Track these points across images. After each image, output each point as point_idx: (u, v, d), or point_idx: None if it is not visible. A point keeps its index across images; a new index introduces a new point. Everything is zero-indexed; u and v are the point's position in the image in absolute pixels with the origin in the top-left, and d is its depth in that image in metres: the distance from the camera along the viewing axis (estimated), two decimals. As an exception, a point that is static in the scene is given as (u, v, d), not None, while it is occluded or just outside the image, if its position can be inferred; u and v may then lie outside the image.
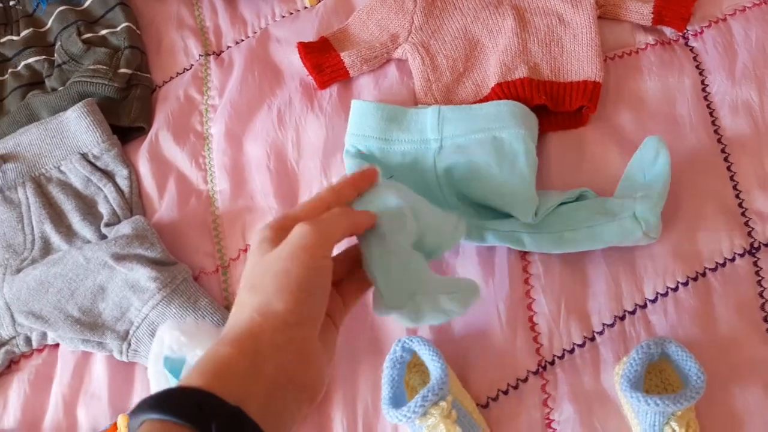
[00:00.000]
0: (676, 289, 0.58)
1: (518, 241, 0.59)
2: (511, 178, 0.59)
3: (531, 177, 0.59)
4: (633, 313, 0.57)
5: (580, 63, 0.66)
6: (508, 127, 0.61)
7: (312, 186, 0.67)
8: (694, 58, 0.68)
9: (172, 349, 0.57)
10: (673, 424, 0.48)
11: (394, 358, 0.55)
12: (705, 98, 0.66)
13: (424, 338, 0.54)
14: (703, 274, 0.58)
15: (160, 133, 0.72)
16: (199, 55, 0.76)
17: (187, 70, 0.76)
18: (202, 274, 0.66)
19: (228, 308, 0.64)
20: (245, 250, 0.66)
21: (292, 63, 0.73)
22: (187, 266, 0.64)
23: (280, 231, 0.42)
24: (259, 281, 0.40)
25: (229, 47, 0.77)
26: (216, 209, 0.68)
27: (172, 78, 0.76)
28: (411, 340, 0.54)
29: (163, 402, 0.34)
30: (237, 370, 0.36)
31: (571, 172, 0.64)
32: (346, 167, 0.64)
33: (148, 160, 0.71)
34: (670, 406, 0.46)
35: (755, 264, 0.58)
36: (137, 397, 0.62)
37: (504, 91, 0.65)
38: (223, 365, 0.36)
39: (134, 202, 0.69)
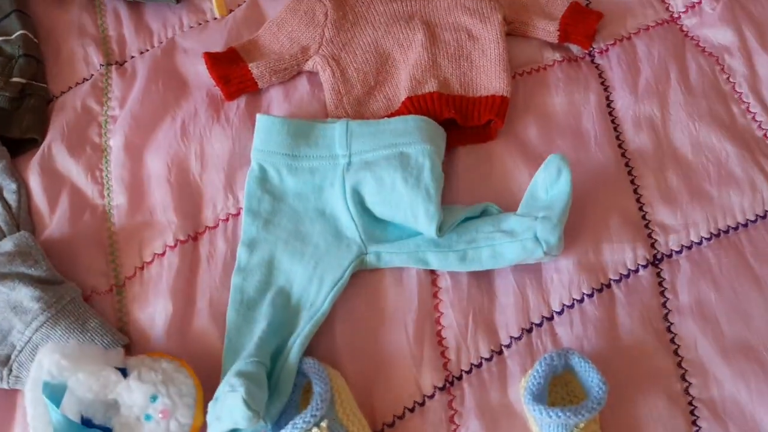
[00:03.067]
0: (581, 301, 0.57)
1: (424, 261, 0.58)
2: (416, 193, 0.58)
3: (436, 192, 0.59)
4: (540, 325, 0.57)
5: (488, 78, 0.66)
6: (415, 143, 0.60)
7: (216, 200, 0.64)
8: (600, 75, 0.69)
9: (52, 374, 0.52)
10: (577, 435, 0.47)
11: None
12: (610, 113, 0.67)
13: (313, 359, 0.53)
14: (608, 285, 0.58)
15: (54, 144, 0.68)
16: (101, 64, 0.73)
17: (87, 80, 0.72)
18: (94, 294, 0.61)
19: (122, 329, 0.59)
20: (142, 268, 0.62)
21: (199, 74, 0.70)
22: (75, 285, 0.60)
23: None
24: None
25: (132, 57, 0.73)
26: (112, 225, 0.64)
27: (70, 88, 0.72)
28: (305, 362, 0.53)
29: None
30: None
31: (479, 186, 0.63)
32: (246, 186, 0.62)
33: (39, 173, 0.66)
34: (571, 418, 0.45)
35: (658, 275, 0.59)
36: (20, 429, 0.56)
37: (414, 104, 0.64)
38: None
39: (22, 218, 0.64)
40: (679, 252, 0.60)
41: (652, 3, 0.73)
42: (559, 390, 0.53)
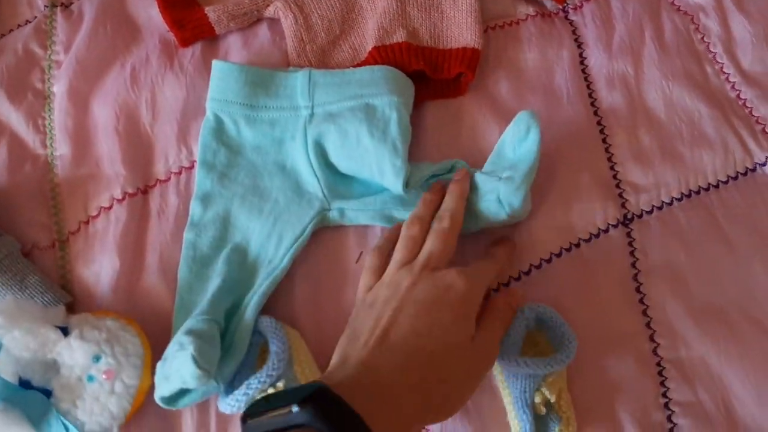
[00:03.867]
0: (549, 261, 0.56)
1: (389, 218, 0.55)
2: (383, 146, 0.55)
3: (403, 146, 0.56)
4: (506, 285, 0.55)
5: (459, 29, 0.63)
6: (382, 94, 0.57)
7: (168, 152, 0.60)
8: (574, 31, 0.67)
9: (-15, 331, 0.48)
10: (545, 390, 0.45)
11: None
12: (583, 71, 0.65)
13: (270, 318, 0.50)
14: (577, 245, 0.56)
15: (-8, 89, 0.63)
16: (45, 6, 0.67)
17: (30, 22, 0.67)
18: (35, 249, 0.57)
19: (65, 287, 0.56)
20: (87, 222, 0.58)
21: (152, 18, 0.65)
22: (13, 239, 0.56)
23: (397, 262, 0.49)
24: (445, 369, 0.42)
25: (80, -1, 0.68)
26: (55, 176, 0.60)
27: (11, 30, 0.67)
28: (261, 321, 0.50)
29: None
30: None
31: (448, 142, 0.61)
32: (200, 137, 0.58)
33: (-25, 119, 0.62)
34: (540, 369, 0.44)
35: (628, 235, 0.57)
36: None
37: (381, 54, 0.61)
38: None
39: (-45, 167, 0.60)
40: (650, 212, 0.58)
41: (627, -41, 0.71)
42: (529, 350, 0.51)
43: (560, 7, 0.68)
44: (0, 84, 0.63)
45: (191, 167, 0.59)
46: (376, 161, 0.55)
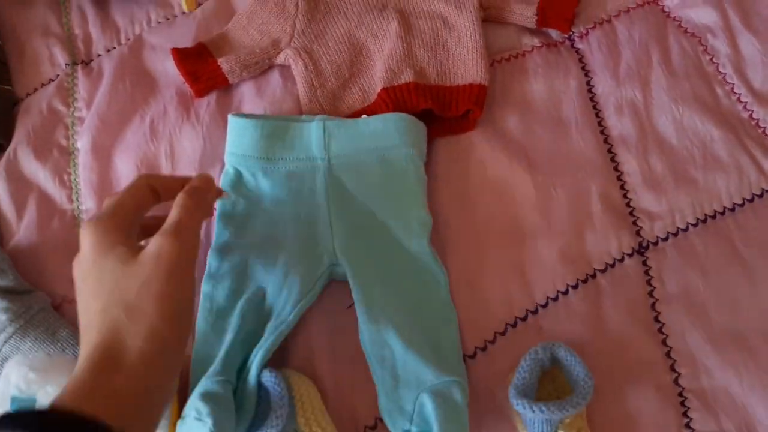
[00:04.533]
0: (566, 293, 0.56)
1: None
2: (403, 198, 0.57)
3: (422, 197, 0.58)
4: (524, 319, 0.55)
5: (465, 66, 0.64)
6: (397, 147, 0.58)
7: (188, 201, 0.62)
8: (580, 60, 0.67)
9: (20, 387, 0.50)
10: (562, 432, 0.45)
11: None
12: (591, 99, 0.65)
13: (271, 370, 0.50)
14: (593, 276, 0.57)
15: (20, 149, 0.65)
16: (66, 64, 0.70)
17: (53, 80, 0.70)
18: (64, 303, 0.59)
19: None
20: (114, 273, 0.60)
21: (168, 71, 0.68)
22: (45, 294, 0.58)
23: (120, 221, 0.44)
24: (137, 303, 0.41)
25: (99, 55, 0.71)
26: (82, 230, 0.62)
27: (36, 89, 0.70)
28: (263, 375, 0.50)
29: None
30: (115, 399, 0.38)
31: (457, 178, 0.61)
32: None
33: (5, 179, 0.64)
34: (555, 413, 0.44)
35: (644, 263, 0.57)
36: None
37: (390, 95, 0.62)
38: (95, 390, 0.38)
39: (-12, 226, 0.62)
40: (665, 239, 0.58)
41: (631, -16, 0.71)
42: (546, 386, 0.51)
43: (566, 36, 0.68)
44: (27, 143, 0.66)
45: (210, 215, 0.61)
46: (400, 216, 0.57)
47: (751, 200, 0.60)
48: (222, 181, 0.59)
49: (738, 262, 0.57)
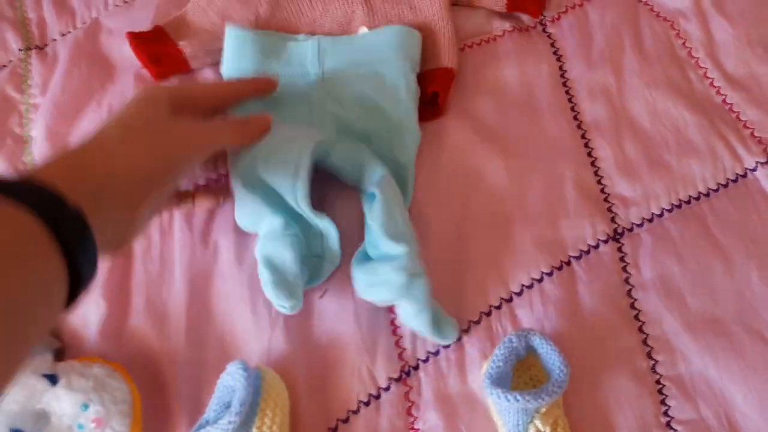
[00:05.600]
0: (541, 280, 0.54)
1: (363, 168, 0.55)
2: (395, 111, 0.57)
3: (414, 110, 0.58)
4: (498, 307, 0.54)
5: (435, 51, 0.62)
6: (389, 60, 0.59)
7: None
8: (552, 44, 0.66)
9: None
10: (538, 422, 0.44)
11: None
12: (564, 84, 0.64)
13: (242, 362, 0.48)
14: (568, 263, 0.55)
15: (-30, 137, 0.62)
16: (19, 49, 0.67)
17: (5, 66, 0.67)
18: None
19: (52, 331, 0.55)
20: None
21: (126, 56, 0.65)
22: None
23: (180, 103, 0.47)
24: (141, 130, 0.44)
25: (54, 40, 0.68)
26: (36, 222, 0.59)
27: (-13, 75, 0.67)
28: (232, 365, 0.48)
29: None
30: (85, 184, 0.37)
31: (431, 164, 0.60)
32: None
33: (-47, 168, 0.61)
34: (531, 402, 0.42)
35: (619, 250, 0.56)
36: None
37: (358, 81, 0.60)
38: (73, 172, 0.38)
39: (-65, 218, 0.59)
40: (640, 225, 0.57)
41: (603, -32, 0.70)
42: (522, 375, 0.50)
43: (537, 20, 0.67)
44: (-22, 131, 0.63)
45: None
46: (392, 124, 0.57)
47: (726, 185, 0.59)
48: None
49: (713, 248, 0.56)
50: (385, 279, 0.48)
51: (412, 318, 0.49)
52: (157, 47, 0.62)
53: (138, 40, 0.62)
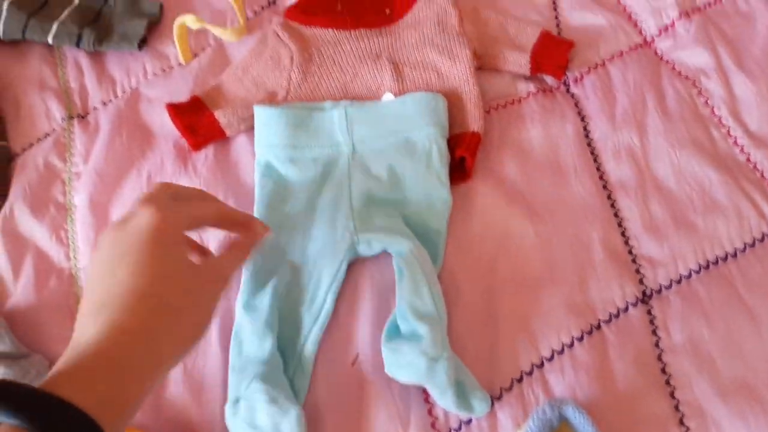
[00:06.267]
0: (571, 345, 0.55)
1: (409, 236, 0.57)
2: (427, 178, 0.59)
3: (445, 176, 0.60)
4: (530, 373, 0.54)
5: (461, 116, 0.64)
6: (419, 127, 0.61)
7: (187, 256, 0.61)
8: (576, 105, 0.67)
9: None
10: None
11: None
12: (588, 144, 0.65)
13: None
14: (598, 327, 0.56)
15: (16, 206, 0.65)
16: (62, 118, 0.70)
17: (49, 135, 0.70)
18: (63, 364, 0.58)
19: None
20: (112, 333, 0.59)
21: (165, 124, 0.67)
22: (42, 357, 0.57)
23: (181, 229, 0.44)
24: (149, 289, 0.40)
25: (95, 109, 0.71)
26: (79, 289, 0.61)
27: (32, 144, 0.69)
28: None
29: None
30: (99, 382, 0.36)
31: (462, 227, 0.61)
32: (256, 181, 0.61)
33: (1, 237, 0.63)
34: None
35: (649, 312, 0.57)
36: None
37: (386, 144, 0.62)
38: (86, 374, 0.36)
39: (-15, 287, 0.61)
40: (669, 287, 0.58)
41: (624, 27, 0.71)
42: (554, 442, 0.51)
43: (560, 81, 0.68)
44: (24, 200, 0.65)
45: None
46: (424, 192, 0.59)
47: (752, 244, 0.59)
48: (255, 172, 0.61)
49: (742, 309, 0.56)
50: (408, 361, 0.50)
51: (438, 398, 0.51)
52: (194, 118, 0.65)
53: (176, 111, 0.65)
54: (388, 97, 0.64)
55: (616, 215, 0.62)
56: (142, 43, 0.73)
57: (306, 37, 0.68)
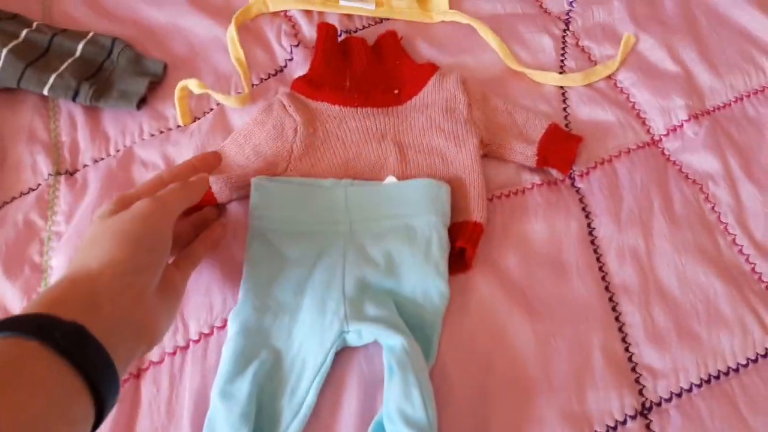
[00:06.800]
0: (567, 461, 0.52)
1: (400, 328, 0.54)
2: (425, 267, 0.56)
3: (444, 267, 0.57)
4: (523, 488, 0.51)
5: (464, 204, 0.62)
6: (420, 214, 0.59)
7: (166, 332, 0.58)
8: (581, 200, 0.66)
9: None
10: None
11: None
12: (592, 242, 0.63)
13: None
14: (595, 440, 0.53)
15: (-11, 264, 0.62)
16: (48, 174, 0.67)
17: (33, 190, 0.67)
18: None
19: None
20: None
21: (155, 188, 0.65)
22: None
23: (121, 207, 0.47)
24: (99, 237, 0.44)
25: (86, 166, 0.68)
26: (47, 358, 0.57)
27: (14, 198, 0.66)
28: None
29: (1, 323, 0.36)
30: (75, 302, 0.40)
31: (458, 320, 0.58)
32: (245, 255, 0.58)
33: (-30, 297, 0.60)
34: None
35: (647, 427, 0.54)
36: None
37: (386, 229, 0.60)
38: (60, 298, 0.40)
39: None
40: (669, 400, 0.55)
41: (632, 125, 0.71)
42: None
43: (566, 175, 0.67)
44: (-2, 257, 0.62)
45: (186, 347, 0.57)
46: (421, 285, 0.56)
47: (755, 360, 0.57)
48: (248, 238, 0.58)
49: (742, 429, 0.54)
50: None
51: None
52: (187, 184, 0.62)
53: (169, 176, 0.62)
54: (390, 179, 0.62)
55: (617, 319, 0.59)
56: (142, 102, 0.71)
57: (311, 111, 0.66)
